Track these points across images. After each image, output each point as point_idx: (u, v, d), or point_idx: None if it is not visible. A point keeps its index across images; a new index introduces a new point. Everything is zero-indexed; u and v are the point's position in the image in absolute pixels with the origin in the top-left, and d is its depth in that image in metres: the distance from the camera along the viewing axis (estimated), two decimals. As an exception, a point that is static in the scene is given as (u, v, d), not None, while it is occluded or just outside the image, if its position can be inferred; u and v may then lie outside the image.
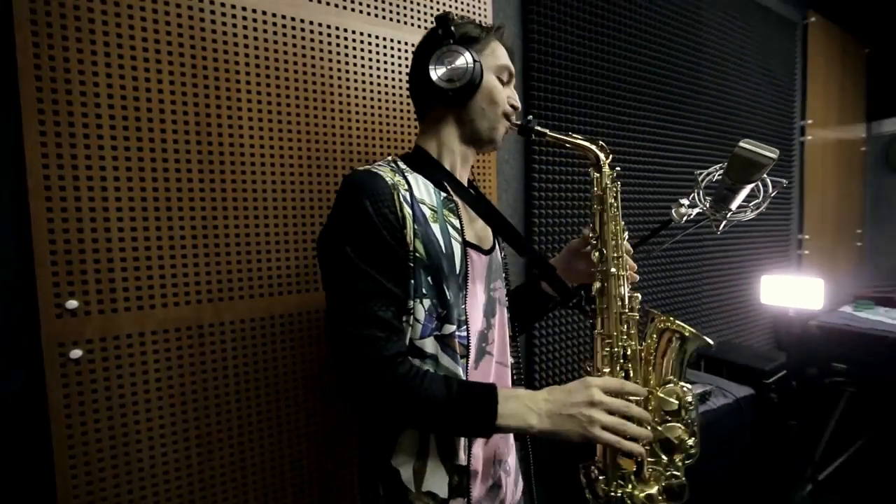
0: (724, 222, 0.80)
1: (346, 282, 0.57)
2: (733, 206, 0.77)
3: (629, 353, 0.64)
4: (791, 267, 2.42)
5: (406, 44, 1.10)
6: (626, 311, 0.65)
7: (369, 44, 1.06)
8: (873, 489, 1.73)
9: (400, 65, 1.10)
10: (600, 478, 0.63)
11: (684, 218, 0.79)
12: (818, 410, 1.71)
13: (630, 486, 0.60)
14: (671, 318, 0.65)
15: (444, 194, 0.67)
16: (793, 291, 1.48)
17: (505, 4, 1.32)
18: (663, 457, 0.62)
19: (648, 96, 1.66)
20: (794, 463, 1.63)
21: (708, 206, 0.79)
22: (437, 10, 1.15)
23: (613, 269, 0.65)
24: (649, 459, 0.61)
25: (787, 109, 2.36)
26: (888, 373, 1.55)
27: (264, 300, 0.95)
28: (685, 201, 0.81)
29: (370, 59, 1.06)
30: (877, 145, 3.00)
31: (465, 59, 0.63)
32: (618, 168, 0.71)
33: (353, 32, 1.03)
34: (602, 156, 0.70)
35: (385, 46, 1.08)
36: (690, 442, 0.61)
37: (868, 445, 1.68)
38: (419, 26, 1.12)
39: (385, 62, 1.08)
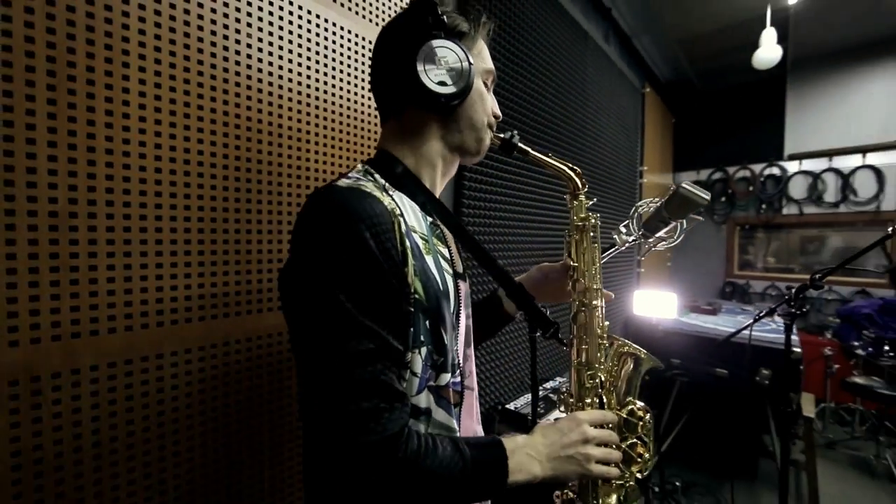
0: (650, 249, 0.91)
1: (338, 341, 0.43)
2: (659, 235, 0.89)
3: (603, 380, 0.65)
4: (633, 281, 3.03)
5: (351, 32, 0.98)
6: (603, 341, 0.66)
7: (312, 24, 0.90)
8: (696, 450, 2.31)
9: (349, 56, 0.97)
10: (577, 501, 0.63)
11: (626, 244, 0.88)
12: (659, 398, 2.16)
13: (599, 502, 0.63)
14: (628, 342, 0.69)
15: (430, 219, 0.57)
16: (655, 303, 1.84)
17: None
18: (625, 470, 0.64)
19: (548, 130, 1.86)
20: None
21: (640, 234, 0.90)
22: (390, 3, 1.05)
23: (596, 302, 0.66)
24: None
25: (633, 157, 2.97)
26: (702, 363, 2.05)
27: (135, 336, 0.68)
28: (623, 229, 0.90)
29: (315, 43, 0.90)
30: (678, 190, 4.03)
31: (458, 58, 0.53)
32: (594, 199, 0.71)
33: (290, 3, 0.86)
34: (579, 184, 0.69)
35: (332, 32, 0.94)
36: (647, 455, 0.65)
37: (690, 419, 2.20)
38: (371, 20, 1.01)
39: (334, 51, 0.94)
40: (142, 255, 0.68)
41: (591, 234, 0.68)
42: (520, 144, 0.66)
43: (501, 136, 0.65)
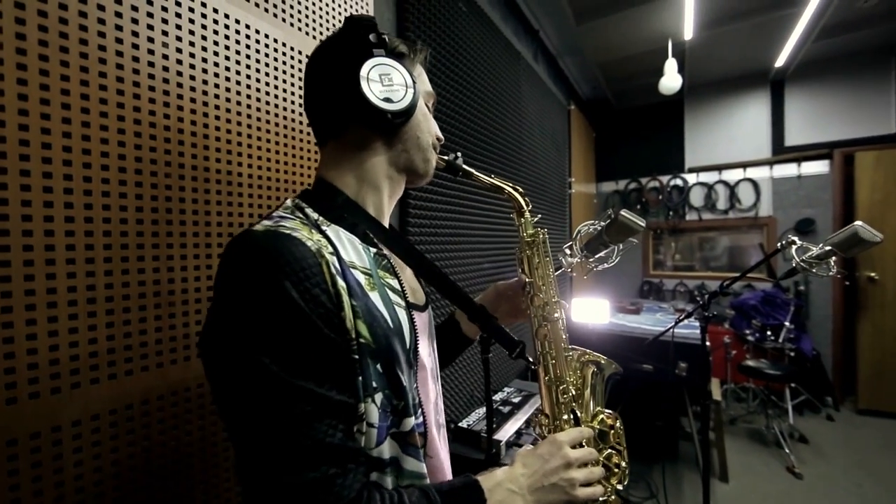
0: (591, 270, 0.97)
1: (271, 409, 0.39)
2: (599, 256, 0.95)
3: (574, 393, 0.64)
4: (566, 286, 3.23)
5: (286, 45, 0.91)
6: (568, 353, 0.65)
7: (248, 37, 0.82)
8: (627, 440, 2.47)
9: (285, 71, 0.90)
10: None
11: (571, 265, 0.93)
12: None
13: None
14: (588, 351, 0.69)
15: (373, 249, 0.53)
16: (591, 309, 1.98)
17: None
18: (606, 486, 0.62)
19: (486, 146, 1.91)
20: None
21: (583, 255, 0.95)
22: (317, 10, 1.00)
23: (557, 315, 0.65)
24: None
25: (563, 169, 3.18)
26: (631, 360, 2.25)
27: (21, 408, 0.56)
28: (567, 250, 0.95)
29: (257, 59, 0.82)
30: (601, 199, 4.40)
31: (403, 78, 0.53)
32: (539, 216, 0.73)
33: (227, 17, 0.78)
34: (523, 203, 0.70)
35: (269, 47, 0.86)
36: (623, 464, 0.64)
37: (623, 412, 2.40)
38: (300, 28, 0.95)
39: (276, 67, 0.86)
40: (27, 307, 0.55)
41: (543, 248, 0.69)
42: (464, 166, 0.67)
43: (445, 157, 0.66)
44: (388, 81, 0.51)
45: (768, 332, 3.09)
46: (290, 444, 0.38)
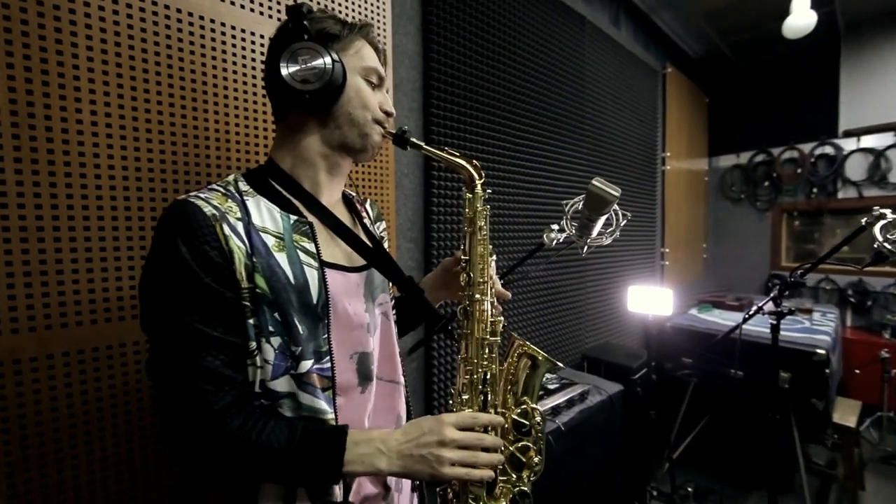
0: (586, 246, 0.90)
1: (165, 336, 0.52)
2: (594, 233, 0.87)
3: (489, 376, 0.65)
4: (656, 276, 2.86)
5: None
6: (488, 336, 0.65)
7: (247, 41, 0.98)
8: (714, 459, 2.15)
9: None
10: (454, 500, 0.64)
11: (554, 242, 0.88)
12: (673, 399, 2.04)
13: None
14: (527, 343, 0.68)
15: (294, 217, 0.60)
16: (651, 299, 1.75)
17: (406, 22, 1.34)
18: (513, 474, 0.65)
19: (539, 123, 1.82)
20: (655, 446, 1.91)
21: (574, 232, 0.88)
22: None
23: (478, 295, 0.65)
24: (501, 478, 0.64)
25: (651, 143, 2.79)
26: (720, 365, 1.91)
27: (99, 328, 0.80)
28: (555, 227, 0.89)
29: (253, 59, 0.98)
30: (715, 176, 3.72)
31: (322, 59, 0.57)
32: (489, 191, 0.70)
33: (234, 28, 0.95)
34: (476, 176, 0.68)
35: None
36: (536, 459, 0.65)
37: (707, 425, 2.05)
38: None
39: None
40: (101, 260, 0.80)
41: (482, 224, 0.67)
42: (412, 139, 0.66)
43: (392, 131, 0.66)
44: (306, 64, 0.57)
45: (961, 350, 2.25)
46: (175, 362, 0.51)
